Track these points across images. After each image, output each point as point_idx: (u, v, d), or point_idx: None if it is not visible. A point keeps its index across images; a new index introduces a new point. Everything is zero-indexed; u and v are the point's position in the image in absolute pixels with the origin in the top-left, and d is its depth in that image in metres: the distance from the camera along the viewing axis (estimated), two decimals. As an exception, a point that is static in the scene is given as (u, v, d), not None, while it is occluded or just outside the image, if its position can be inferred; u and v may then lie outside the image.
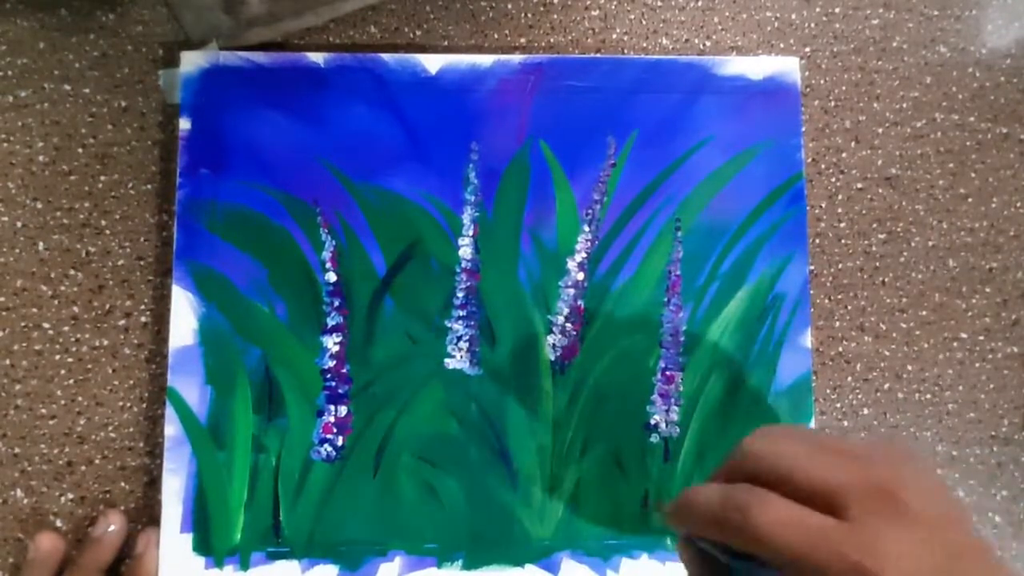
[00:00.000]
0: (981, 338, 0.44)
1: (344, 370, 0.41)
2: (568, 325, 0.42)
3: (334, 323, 0.41)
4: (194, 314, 0.40)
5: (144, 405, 0.41)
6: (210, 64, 0.42)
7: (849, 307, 0.44)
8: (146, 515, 0.40)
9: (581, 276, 0.42)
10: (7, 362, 0.41)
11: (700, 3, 0.45)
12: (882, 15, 0.46)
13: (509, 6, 0.45)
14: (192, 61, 0.41)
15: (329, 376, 0.40)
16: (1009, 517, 0.43)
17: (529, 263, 0.42)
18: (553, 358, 0.41)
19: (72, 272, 0.42)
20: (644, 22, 0.45)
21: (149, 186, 0.42)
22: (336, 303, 0.41)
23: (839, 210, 0.44)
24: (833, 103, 0.45)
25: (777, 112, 0.43)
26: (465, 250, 0.42)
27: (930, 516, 0.24)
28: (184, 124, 0.41)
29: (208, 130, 0.41)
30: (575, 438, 0.41)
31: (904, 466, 0.25)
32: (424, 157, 0.42)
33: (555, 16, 0.45)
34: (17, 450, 0.40)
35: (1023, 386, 0.44)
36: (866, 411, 0.43)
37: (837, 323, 0.44)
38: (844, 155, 0.45)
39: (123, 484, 0.41)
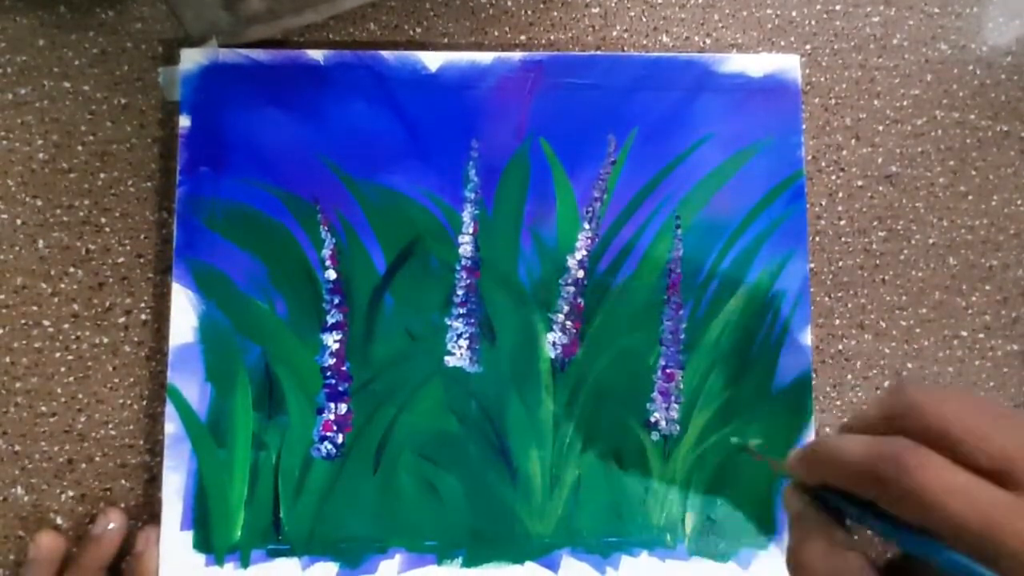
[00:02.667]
0: (981, 336, 0.44)
1: (344, 368, 0.41)
2: (568, 323, 0.42)
3: (334, 321, 0.41)
4: (194, 311, 0.40)
5: (144, 403, 0.41)
6: (210, 61, 0.41)
7: (849, 305, 0.44)
8: (146, 513, 0.40)
9: (581, 274, 0.42)
10: (7, 360, 0.41)
11: (700, 1, 0.45)
12: (883, 12, 0.46)
13: (509, 3, 0.44)
14: (192, 58, 0.41)
15: (329, 374, 0.40)
16: (1008, 515, 0.43)
17: (529, 261, 0.42)
18: (553, 356, 0.41)
19: (72, 270, 0.42)
20: (644, 19, 0.45)
21: (149, 183, 0.42)
22: (336, 301, 0.41)
23: (839, 208, 0.44)
24: (833, 100, 0.45)
25: (777, 110, 0.43)
26: (465, 248, 0.42)
27: None
28: (184, 121, 0.41)
29: (208, 127, 0.41)
30: (575, 436, 0.41)
31: None
32: (424, 154, 0.42)
33: (555, 13, 0.45)
34: (17, 448, 0.40)
35: (1023, 384, 0.44)
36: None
37: (837, 321, 0.44)
38: (844, 153, 0.45)
39: (123, 482, 0.41)
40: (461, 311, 0.41)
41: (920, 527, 0.23)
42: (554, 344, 0.41)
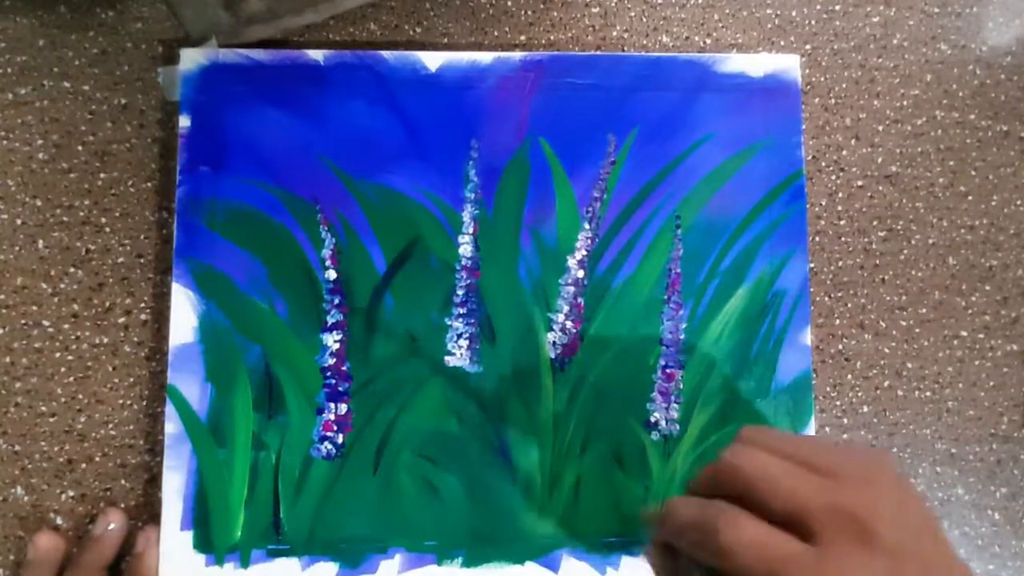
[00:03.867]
0: (981, 336, 0.44)
1: (344, 368, 0.41)
2: (568, 323, 0.42)
3: (334, 321, 0.41)
4: (194, 312, 0.40)
5: (144, 403, 0.41)
6: (210, 61, 0.41)
7: (849, 305, 0.44)
8: (146, 513, 0.40)
9: (581, 274, 0.42)
10: (7, 360, 0.41)
11: (700, 1, 0.45)
12: (883, 12, 0.46)
13: (509, 3, 0.44)
14: (192, 58, 0.41)
15: (329, 374, 0.40)
16: (1008, 515, 0.44)
17: (529, 260, 0.42)
18: (553, 355, 0.41)
19: (72, 270, 0.41)
20: (644, 19, 0.45)
21: (149, 184, 0.42)
22: (336, 301, 0.41)
23: (839, 208, 0.44)
24: (833, 100, 0.45)
25: (777, 110, 0.43)
26: (465, 248, 0.42)
27: (898, 544, 0.24)
28: (184, 121, 0.41)
29: (208, 127, 0.41)
30: (575, 435, 0.41)
31: (877, 486, 0.25)
32: (424, 154, 0.42)
33: (555, 13, 0.45)
34: (17, 448, 0.40)
35: (1023, 384, 0.44)
36: (866, 409, 0.43)
37: (837, 321, 0.44)
38: (844, 153, 0.45)
39: (123, 482, 0.41)
40: (461, 311, 0.41)
41: None
42: (554, 344, 0.41)
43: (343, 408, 0.40)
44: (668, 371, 0.41)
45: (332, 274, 0.41)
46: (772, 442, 0.28)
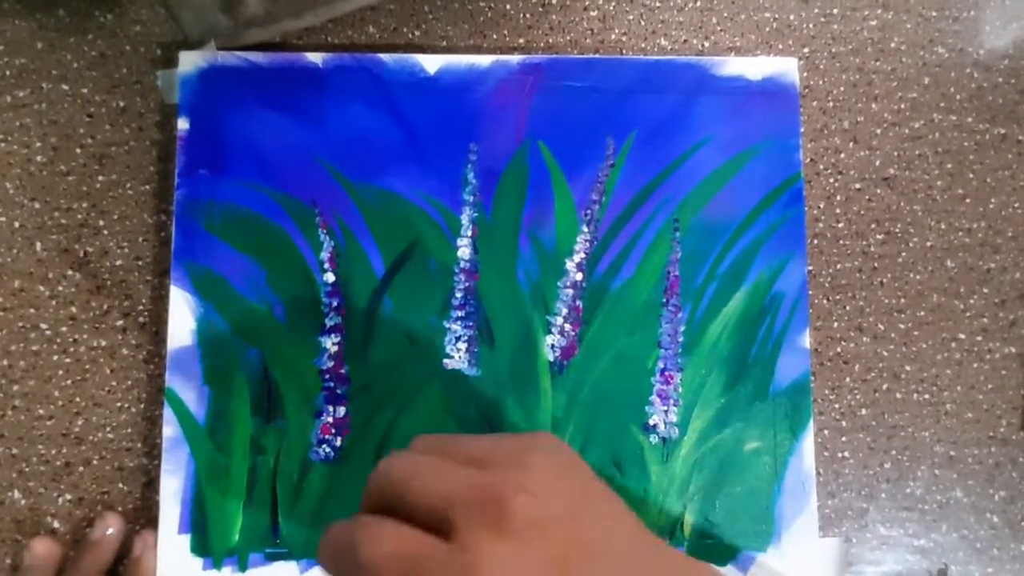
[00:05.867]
0: (979, 338, 0.44)
1: (343, 371, 0.41)
2: (567, 325, 0.42)
3: (332, 324, 0.41)
4: (192, 315, 0.40)
5: (142, 406, 0.41)
6: (208, 64, 0.41)
7: (847, 307, 0.44)
8: (144, 516, 0.40)
9: (580, 276, 0.42)
10: (4, 363, 0.41)
11: (699, 4, 0.45)
12: (880, 16, 0.46)
13: (508, 7, 0.45)
14: (190, 61, 0.41)
15: (328, 377, 0.40)
16: (1006, 517, 0.44)
17: (528, 263, 0.42)
18: (552, 358, 0.41)
19: (70, 272, 0.41)
20: (643, 23, 0.45)
21: (147, 186, 0.42)
22: (335, 303, 0.41)
23: (837, 210, 0.45)
24: (831, 104, 0.45)
25: (775, 113, 0.43)
26: (464, 250, 0.42)
27: (536, 517, 0.22)
28: (182, 124, 0.41)
29: (206, 130, 0.41)
30: (574, 438, 0.41)
31: (525, 464, 0.24)
32: (423, 157, 0.42)
33: (554, 17, 0.45)
34: (15, 451, 0.40)
35: (1021, 386, 0.44)
36: (864, 411, 0.43)
37: (835, 323, 0.44)
38: (842, 155, 0.45)
39: (121, 485, 0.40)
40: (460, 314, 0.41)
41: None
42: (553, 347, 0.41)
43: (341, 411, 0.40)
44: (667, 374, 0.41)
45: (331, 277, 0.41)
46: (433, 443, 0.26)
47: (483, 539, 0.22)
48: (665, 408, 0.41)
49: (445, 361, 0.41)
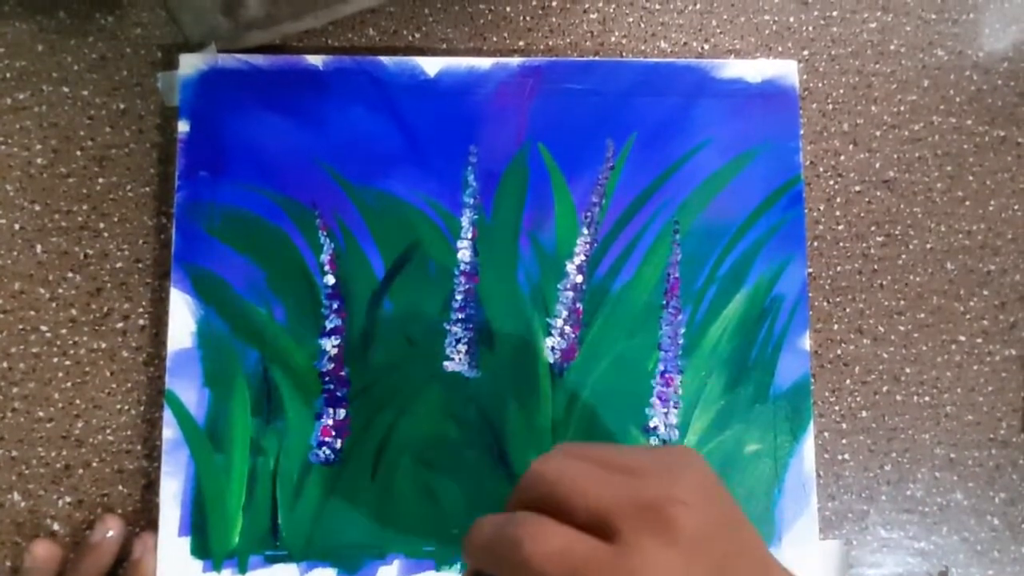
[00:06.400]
0: (979, 341, 0.44)
1: (343, 373, 0.41)
2: (567, 328, 0.42)
3: (332, 326, 0.41)
4: (192, 317, 0.40)
5: (142, 408, 0.41)
6: (208, 67, 0.42)
7: (847, 309, 0.44)
8: (144, 518, 0.40)
9: (580, 279, 0.42)
10: (4, 365, 0.41)
11: (698, 6, 0.45)
12: (880, 19, 0.46)
13: (508, 9, 0.45)
14: (191, 64, 0.41)
15: (328, 379, 0.40)
16: (1007, 520, 0.43)
17: (528, 266, 0.42)
18: (552, 361, 0.41)
19: (70, 275, 0.41)
20: (642, 25, 0.45)
21: (147, 188, 0.42)
22: (335, 306, 0.41)
23: (837, 213, 0.45)
24: (831, 106, 0.45)
25: (775, 115, 0.43)
26: (464, 253, 0.42)
27: (698, 529, 0.23)
28: (183, 127, 0.41)
29: (207, 133, 0.41)
30: (574, 441, 0.41)
31: (678, 476, 0.25)
32: (423, 160, 0.42)
33: (553, 19, 0.45)
34: (14, 453, 0.40)
35: (1021, 389, 0.44)
36: (864, 414, 0.43)
37: (835, 325, 0.44)
38: (842, 158, 0.45)
39: (121, 487, 0.40)
40: (460, 316, 0.41)
41: None
42: (553, 349, 0.41)
43: (341, 413, 0.40)
44: (667, 376, 0.41)
45: (331, 279, 0.41)
46: (581, 449, 0.27)
47: (648, 545, 0.23)
48: (665, 410, 0.41)
49: (445, 363, 0.41)
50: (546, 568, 0.23)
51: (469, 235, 0.42)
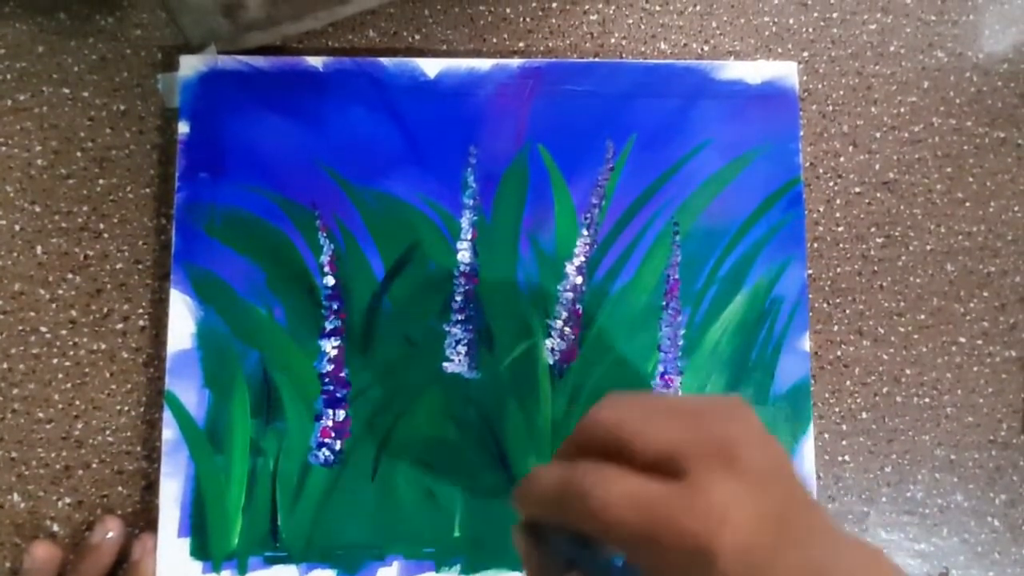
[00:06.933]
0: (979, 342, 0.44)
1: (342, 374, 0.40)
2: (567, 329, 0.42)
3: (332, 327, 0.41)
4: (192, 318, 0.40)
5: (142, 409, 0.41)
6: (209, 68, 0.42)
7: (847, 311, 0.44)
8: (144, 519, 0.40)
9: (579, 280, 0.42)
10: (4, 366, 0.41)
11: (698, 8, 0.45)
12: (879, 20, 0.46)
13: (508, 10, 0.45)
14: (191, 65, 0.42)
15: (327, 380, 0.40)
16: (1007, 521, 0.43)
17: (528, 267, 0.42)
18: (552, 362, 0.41)
19: (70, 276, 0.41)
20: (642, 27, 0.45)
21: (148, 190, 0.42)
22: (334, 307, 0.41)
23: (837, 214, 0.45)
24: (831, 107, 0.45)
25: (775, 116, 0.43)
26: (463, 254, 0.42)
27: (762, 468, 0.24)
28: (183, 128, 0.41)
29: (207, 134, 0.41)
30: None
31: (737, 418, 0.25)
32: (423, 161, 0.42)
33: (553, 20, 0.45)
34: (14, 454, 0.40)
35: (1021, 390, 0.44)
36: (864, 415, 0.43)
37: (835, 327, 0.44)
38: (842, 159, 0.45)
39: (120, 488, 0.40)
40: (459, 317, 0.41)
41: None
42: (552, 350, 0.41)
43: (341, 414, 0.40)
44: (666, 377, 0.41)
45: (331, 280, 0.41)
46: (633, 397, 0.27)
47: (718, 480, 0.23)
48: (665, 411, 0.41)
49: (445, 364, 0.41)
50: (620, 514, 0.23)
51: (469, 236, 0.42)
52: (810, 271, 0.44)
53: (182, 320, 0.40)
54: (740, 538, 0.22)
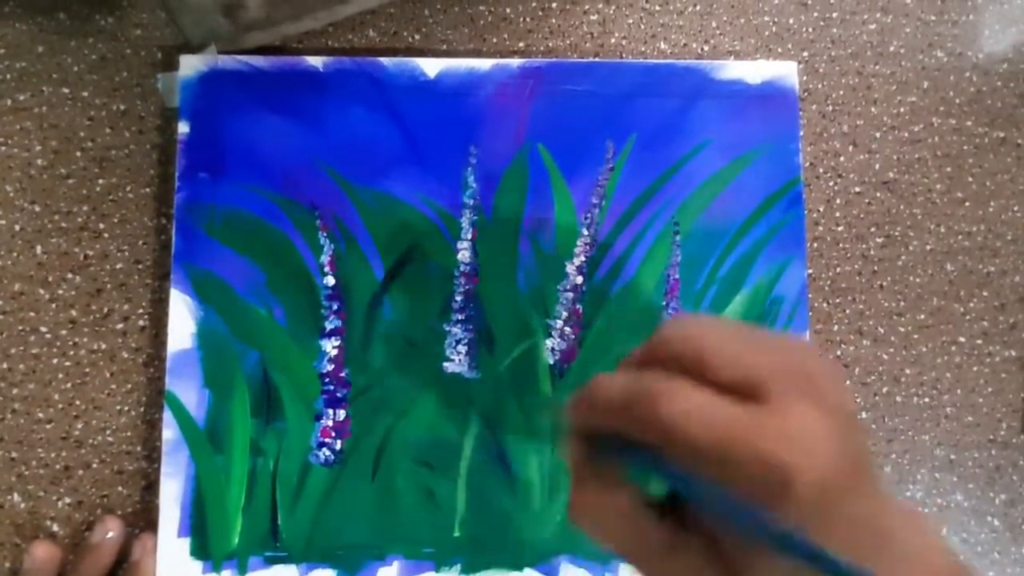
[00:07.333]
0: (979, 342, 0.44)
1: (342, 374, 0.40)
2: (567, 329, 0.42)
3: (332, 327, 0.41)
4: (192, 318, 0.40)
5: (142, 409, 0.41)
6: (209, 68, 0.42)
7: (847, 311, 0.44)
8: (144, 519, 0.40)
9: (580, 280, 0.42)
10: (4, 366, 0.41)
11: (698, 8, 0.45)
12: (879, 20, 0.46)
13: (508, 10, 0.45)
14: (191, 65, 0.42)
15: (327, 380, 0.40)
16: (1007, 521, 0.43)
17: (528, 267, 0.42)
18: (552, 362, 0.41)
19: (70, 276, 0.41)
20: (642, 26, 0.45)
21: (147, 190, 0.42)
22: (334, 307, 0.41)
23: (837, 214, 0.45)
24: (831, 107, 0.45)
25: (775, 116, 0.43)
26: (464, 254, 0.42)
27: (840, 401, 0.23)
28: (183, 128, 0.41)
29: (207, 134, 0.41)
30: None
31: (816, 357, 0.25)
32: (423, 161, 0.42)
33: (553, 20, 0.45)
34: (14, 454, 0.40)
35: (1021, 390, 0.44)
36: (864, 415, 0.43)
37: (835, 327, 0.44)
38: (842, 159, 0.45)
39: (120, 488, 0.40)
40: (460, 317, 0.41)
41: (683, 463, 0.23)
42: (553, 350, 0.41)
43: (341, 414, 0.40)
44: (667, 377, 0.41)
45: (331, 280, 0.41)
46: (712, 318, 0.26)
47: (800, 407, 0.22)
48: (665, 411, 0.41)
49: (445, 364, 0.41)
50: (689, 427, 0.22)
51: (469, 236, 0.42)
52: (810, 271, 0.44)
53: (182, 320, 0.40)
54: (819, 471, 0.21)
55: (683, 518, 0.24)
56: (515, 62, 0.43)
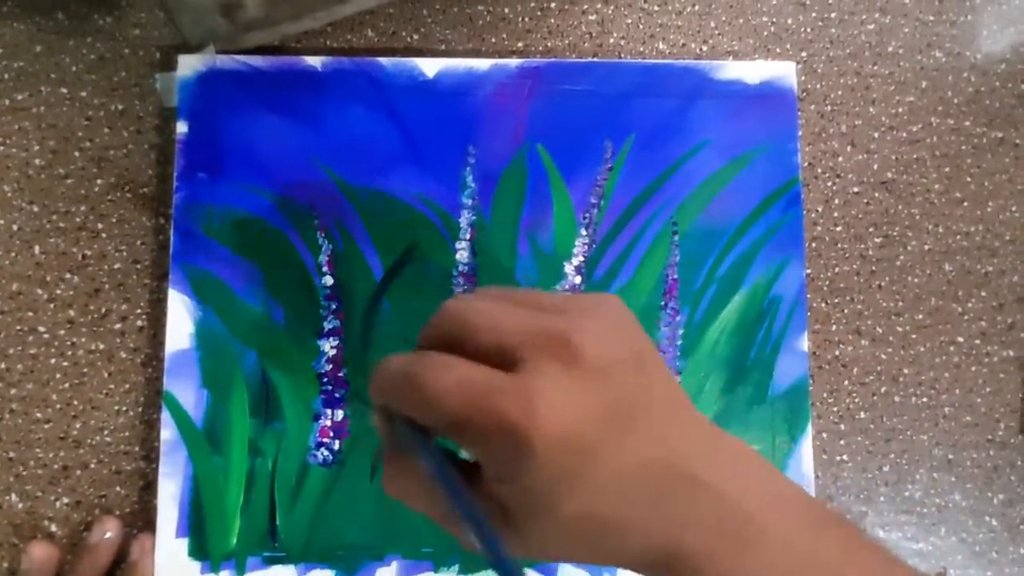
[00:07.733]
0: (977, 342, 0.45)
1: (341, 374, 0.40)
2: (565, 329, 0.41)
3: (331, 327, 0.41)
4: (190, 318, 0.40)
5: (140, 409, 0.41)
6: (207, 68, 0.42)
7: (846, 311, 0.44)
8: (142, 519, 0.40)
9: (578, 280, 0.42)
10: (2, 366, 0.41)
11: (697, 8, 0.45)
12: (878, 20, 0.46)
13: (506, 10, 0.45)
14: (189, 65, 0.41)
15: (326, 380, 0.40)
16: (1005, 521, 0.44)
17: (526, 266, 0.42)
18: (550, 362, 0.41)
19: (68, 276, 0.41)
20: (641, 27, 0.45)
21: (146, 190, 0.42)
22: (333, 307, 0.41)
23: (835, 214, 0.45)
24: (829, 107, 0.45)
25: (773, 116, 0.43)
26: (462, 254, 0.42)
27: (601, 359, 0.23)
28: (181, 128, 0.41)
29: (205, 134, 0.41)
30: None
31: (590, 313, 0.24)
32: (421, 161, 0.42)
33: (552, 20, 0.45)
34: (12, 454, 0.40)
35: (1019, 390, 0.44)
36: (862, 415, 0.43)
37: (834, 327, 0.44)
38: (840, 159, 0.45)
39: (119, 488, 0.40)
40: (458, 317, 0.41)
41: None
42: (551, 350, 0.41)
43: (340, 414, 0.40)
44: (665, 377, 0.41)
45: (329, 280, 0.41)
46: (498, 289, 0.26)
47: (548, 369, 0.22)
48: (664, 411, 0.41)
49: (444, 364, 0.41)
50: (444, 400, 0.22)
51: (468, 236, 0.42)
52: (808, 271, 0.44)
53: (180, 320, 0.40)
54: (556, 427, 0.22)
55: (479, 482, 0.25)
56: (514, 62, 0.43)
